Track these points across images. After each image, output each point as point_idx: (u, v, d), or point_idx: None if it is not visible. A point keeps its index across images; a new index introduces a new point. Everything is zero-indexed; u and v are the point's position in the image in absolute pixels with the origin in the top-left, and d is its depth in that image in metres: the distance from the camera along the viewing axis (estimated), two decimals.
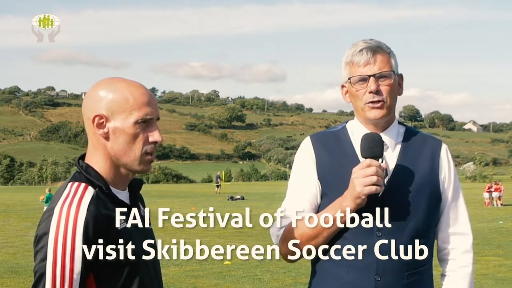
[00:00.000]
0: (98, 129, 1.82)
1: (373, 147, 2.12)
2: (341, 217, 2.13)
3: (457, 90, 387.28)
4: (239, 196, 34.77)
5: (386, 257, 2.14)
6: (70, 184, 1.80)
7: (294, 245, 2.24)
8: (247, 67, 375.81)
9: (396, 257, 2.14)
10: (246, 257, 2.35)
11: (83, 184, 1.78)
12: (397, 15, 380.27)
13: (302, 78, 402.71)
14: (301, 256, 2.28)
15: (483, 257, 12.47)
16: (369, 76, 2.17)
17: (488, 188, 30.06)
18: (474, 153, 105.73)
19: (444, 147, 2.30)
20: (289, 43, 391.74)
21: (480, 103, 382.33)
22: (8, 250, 13.87)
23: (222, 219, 2.43)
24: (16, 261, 12.10)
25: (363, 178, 2.08)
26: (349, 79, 2.22)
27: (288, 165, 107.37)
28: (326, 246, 2.21)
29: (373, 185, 2.08)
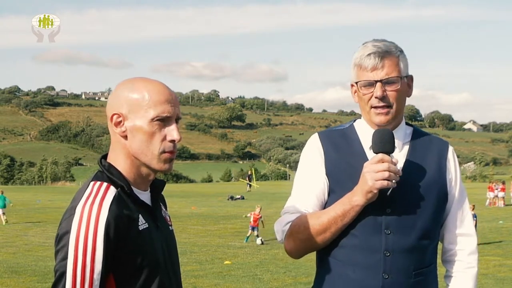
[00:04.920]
0: (116, 128, 1.81)
1: (385, 143, 2.12)
2: (350, 212, 2.13)
3: (458, 90, 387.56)
4: (239, 196, 34.73)
5: (394, 256, 2.14)
6: (92, 183, 1.78)
7: (301, 241, 2.22)
8: (249, 67, 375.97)
9: (403, 256, 2.15)
10: (247, 257, 2.35)
11: (105, 184, 1.76)
12: (399, 15, 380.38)
13: (304, 78, 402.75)
14: (307, 252, 2.28)
15: (483, 257, 12.47)
16: (376, 81, 2.16)
17: (491, 189, 30.01)
18: (474, 153, 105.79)
19: (451, 149, 2.30)
20: (291, 42, 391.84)
21: (480, 103, 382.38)
22: (8, 250, 13.87)
23: (222, 219, 2.43)
24: (16, 261, 12.09)
25: (375, 173, 2.07)
26: (356, 83, 2.22)
27: (288, 165, 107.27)
28: (332, 245, 2.21)
29: (385, 180, 2.07)
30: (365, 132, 2.25)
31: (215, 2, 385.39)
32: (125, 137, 1.81)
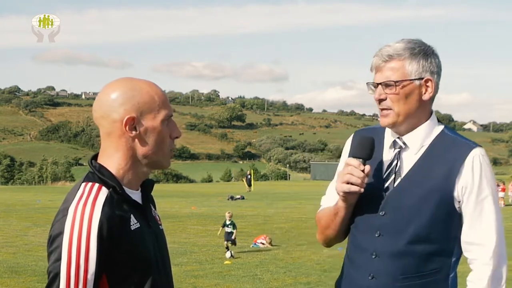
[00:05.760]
0: (131, 131, 1.81)
1: (356, 148, 2.19)
2: (339, 213, 2.24)
3: (458, 90, 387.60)
4: (239, 196, 34.68)
5: (381, 258, 2.16)
6: (83, 184, 1.78)
7: (320, 232, 2.39)
8: (249, 67, 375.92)
9: (391, 259, 2.14)
10: (247, 257, 2.36)
11: (96, 185, 1.77)
12: (399, 15, 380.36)
13: (304, 78, 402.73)
14: (329, 242, 2.41)
15: None
16: (378, 84, 2.21)
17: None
18: None
19: (473, 154, 2.17)
20: (291, 42, 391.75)
21: (480, 103, 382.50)
22: (8, 250, 13.86)
23: (222, 219, 2.46)
24: (16, 261, 12.09)
25: (342, 176, 2.16)
26: (367, 84, 2.27)
27: (288, 165, 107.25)
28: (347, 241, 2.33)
29: (349, 183, 2.13)
30: (389, 134, 2.29)
31: (215, 2, 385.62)
32: (137, 139, 1.82)
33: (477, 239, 2.17)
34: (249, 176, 47.73)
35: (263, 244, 14.12)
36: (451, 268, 2.21)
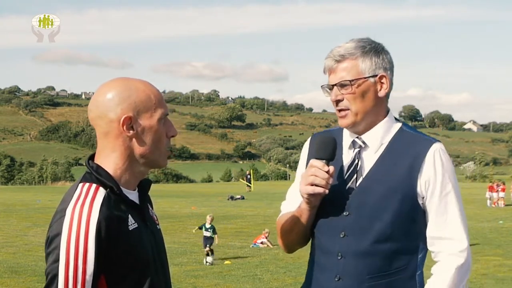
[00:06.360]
0: (128, 131, 1.81)
1: (318, 149, 2.18)
2: (302, 215, 2.22)
3: (458, 90, 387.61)
4: (239, 196, 34.72)
5: (346, 259, 2.15)
6: (81, 185, 1.78)
7: (281, 237, 2.37)
8: (249, 67, 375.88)
9: (356, 259, 2.14)
10: (246, 257, 2.36)
11: (94, 185, 1.77)
12: (399, 15, 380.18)
13: (304, 78, 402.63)
14: (292, 247, 2.40)
15: (483, 257, 12.47)
16: (333, 85, 2.21)
17: (491, 188, 29.97)
18: (474, 153, 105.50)
19: (433, 148, 2.16)
20: (291, 42, 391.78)
21: (480, 103, 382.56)
22: (8, 250, 13.87)
23: (222, 219, 2.46)
24: (16, 261, 12.10)
25: (306, 178, 2.14)
26: (322, 87, 2.27)
27: (288, 165, 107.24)
28: (311, 245, 2.30)
29: (313, 185, 2.11)
30: (347, 135, 2.28)
31: (215, 2, 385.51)
32: (134, 138, 1.82)
33: (444, 234, 2.15)
34: (248, 176, 47.81)
35: (263, 244, 14.16)
36: (418, 265, 2.19)
